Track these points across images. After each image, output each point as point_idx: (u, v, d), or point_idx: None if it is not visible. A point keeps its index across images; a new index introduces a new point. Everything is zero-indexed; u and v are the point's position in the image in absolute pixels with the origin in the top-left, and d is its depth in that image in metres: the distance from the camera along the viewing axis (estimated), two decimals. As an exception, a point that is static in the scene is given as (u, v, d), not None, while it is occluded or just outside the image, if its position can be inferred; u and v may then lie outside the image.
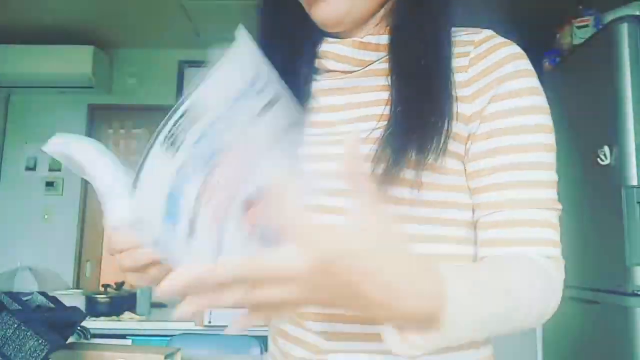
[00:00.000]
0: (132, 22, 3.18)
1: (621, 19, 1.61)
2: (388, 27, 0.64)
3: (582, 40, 1.87)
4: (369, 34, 0.65)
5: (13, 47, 3.19)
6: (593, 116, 1.73)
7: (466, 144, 0.61)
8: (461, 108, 0.60)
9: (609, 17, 1.79)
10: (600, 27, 1.81)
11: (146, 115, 3.53)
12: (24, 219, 3.37)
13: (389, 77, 0.62)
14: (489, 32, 0.64)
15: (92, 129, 3.52)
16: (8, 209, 3.39)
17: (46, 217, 3.38)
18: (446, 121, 0.58)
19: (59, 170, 3.43)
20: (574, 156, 1.85)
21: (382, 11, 0.65)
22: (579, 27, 1.94)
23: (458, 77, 0.61)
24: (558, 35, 2.11)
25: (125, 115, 3.53)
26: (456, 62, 0.61)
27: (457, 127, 0.60)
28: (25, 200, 3.39)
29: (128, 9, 2.99)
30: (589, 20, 1.93)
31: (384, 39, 0.64)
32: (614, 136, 1.59)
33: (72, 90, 3.38)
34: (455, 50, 0.62)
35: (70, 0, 2.90)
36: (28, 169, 3.43)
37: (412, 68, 0.60)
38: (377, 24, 0.65)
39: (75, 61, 3.20)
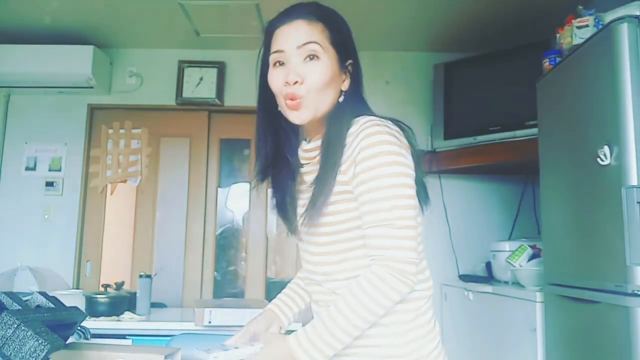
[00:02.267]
0: (132, 22, 3.18)
1: (621, 19, 1.60)
2: (321, 135, 1.12)
3: (582, 40, 1.87)
4: (312, 141, 1.16)
5: (13, 47, 3.19)
6: (593, 116, 1.73)
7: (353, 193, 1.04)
8: (339, 177, 1.04)
9: (609, 17, 1.79)
10: (600, 27, 1.81)
11: (146, 115, 3.53)
12: (24, 219, 3.37)
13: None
14: (361, 122, 1.04)
15: (92, 129, 3.53)
16: (8, 209, 3.39)
17: (46, 217, 3.38)
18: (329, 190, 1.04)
19: (59, 170, 3.43)
20: (574, 156, 1.85)
21: (323, 120, 1.12)
22: (579, 27, 1.94)
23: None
24: (558, 35, 2.11)
25: (125, 115, 3.53)
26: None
27: (337, 188, 1.04)
28: (25, 200, 3.39)
29: (128, 9, 2.99)
30: (589, 20, 1.92)
31: (318, 142, 1.13)
32: (614, 136, 1.59)
33: (72, 90, 3.39)
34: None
35: (70, 0, 2.90)
36: (28, 169, 3.43)
37: (322, 162, 1.07)
38: (319, 131, 1.14)
39: (75, 61, 3.20)
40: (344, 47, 1.11)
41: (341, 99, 1.11)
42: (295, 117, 1.08)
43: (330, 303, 1.07)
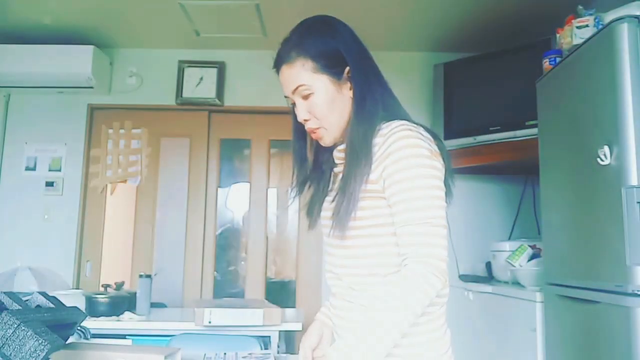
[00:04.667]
0: (132, 22, 3.18)
1: (621, 19, 1.60)
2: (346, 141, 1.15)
3: (582, 40, 1.87)
4: (340, 144, 1.19)
5: (13, 47, 3.19)
6: (593, 116, 1.73)
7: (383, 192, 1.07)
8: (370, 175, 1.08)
9: (609, 17, 1.79)
10: (600, 27, 1.80)
11: (146, 115, 3.53)
12: (24, 219, 3.37)
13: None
14: (392, 125, 1.08)
15: (92, 129, 3.53)
16: (8, 209, 3.39)
17: (46, 217, 3.38)
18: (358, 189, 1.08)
19: (59, 170, 3.43)
20: (574, 156, 1.85)
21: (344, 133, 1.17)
22: (579, 27, 1.94)
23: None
24: (558, 35, 2.11)
25: (125, 115, 3.53)
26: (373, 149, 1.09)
27: (368, 187, 1.08)
28: (25, 200, 3.39)
29: (128, 9, 2.99)
30: (589, 20, 1.92)
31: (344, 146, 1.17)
32: (614, 136, 1.59)
33: (72, 90, 3.39)
34: (374, 140, 1.09)
35: (70, 0, 2.90)
36: (28, 169, 3.43)
37: (346, 172, 1.11)
38: (343, 139, 1.18)
39: (75, 61, 3.20)
40: (333, 63, 1.11)
41: (353, 107, 1.13)
42: (322, 143, 1.19)
43: (346, 297, 1.13)
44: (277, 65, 1.15)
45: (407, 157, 1.03)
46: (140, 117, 3.53)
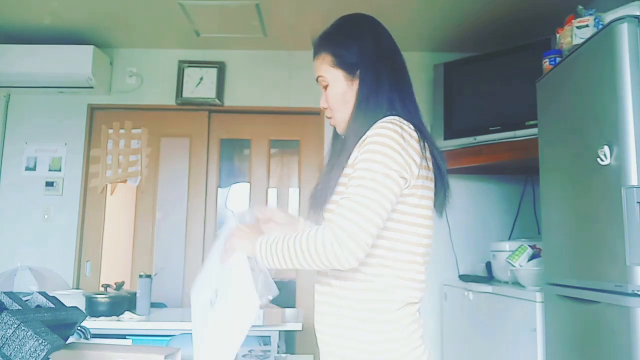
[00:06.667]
0: (132, 22, 3.18)
1: (621, 19, 1.60)
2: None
3: (582, 40, 1.87)
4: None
5: (13, 47, 3.19)
6: (593, 116, 1.73)
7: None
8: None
9: (609, 17, 1.79)
10: (601, 27, 1.80)
11: (146, 115, 3.53)
12: (24, 219, 3.37)
13: None
14: (385, 118, 1.15)
15: (92, 129, 3.53)
16: (8, 209, 3.39)
17: (46, 217, 3.38)
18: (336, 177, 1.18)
19: (59, 170, 3.43)
20: (574, 156, 1.85)
21: None
22: (579, 27, 1.94)
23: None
24: (558, 35, 2.11)
25: (125, 115, 3.53)
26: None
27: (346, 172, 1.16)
28: (25, 200, 3.39)
29: (128, 9, 2.99)
30: (589, 20, 1.92)
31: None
32: (614, 136, 1.59)
33: (72, 90, 3.39)
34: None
35: (70, 0, 2.90)
36: (28, 169, 3.43)
37: (333, 154, 1.28)
38: None
39: (75, 61, 3.20)
40: (348, 61, 1.22)
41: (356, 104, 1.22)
42: (338, 130, 1.30)
43: (325, 279, 1.22)
44: (313, 56, 1.29)
45: (373, 144, 1.09)
46: (140, 117, 3.53)
